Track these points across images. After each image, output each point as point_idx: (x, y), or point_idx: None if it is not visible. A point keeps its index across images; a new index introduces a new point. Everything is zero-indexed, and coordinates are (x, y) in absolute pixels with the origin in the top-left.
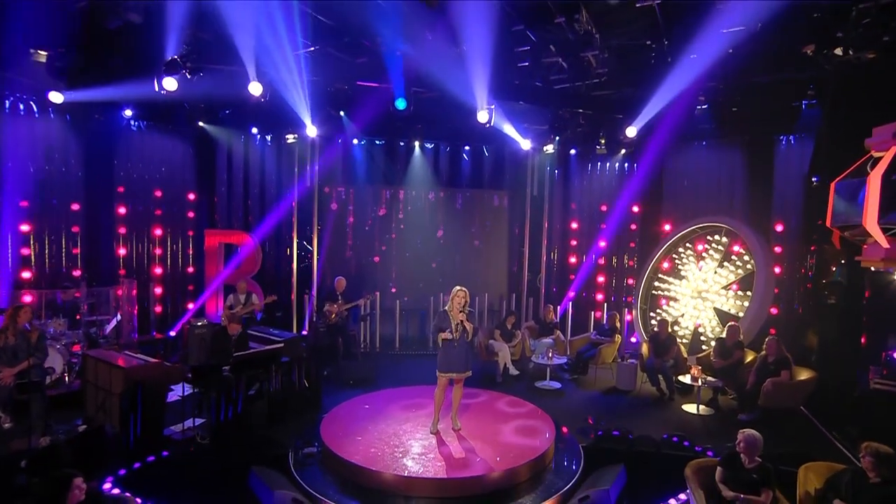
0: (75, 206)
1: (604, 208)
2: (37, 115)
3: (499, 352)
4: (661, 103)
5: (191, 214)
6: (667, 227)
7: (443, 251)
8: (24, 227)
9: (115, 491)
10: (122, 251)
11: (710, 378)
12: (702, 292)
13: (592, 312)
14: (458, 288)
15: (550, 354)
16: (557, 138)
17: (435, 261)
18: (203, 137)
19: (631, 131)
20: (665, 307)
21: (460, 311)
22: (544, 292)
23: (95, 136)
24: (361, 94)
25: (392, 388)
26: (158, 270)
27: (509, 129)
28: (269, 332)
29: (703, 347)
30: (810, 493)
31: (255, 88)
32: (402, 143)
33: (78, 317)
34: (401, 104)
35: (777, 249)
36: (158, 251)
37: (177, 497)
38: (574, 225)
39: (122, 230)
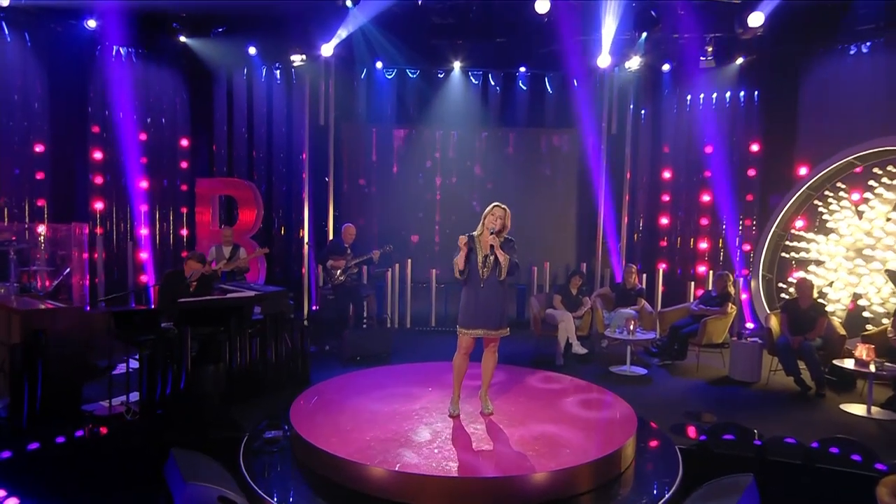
0: (39, 148)
1: (709, 150)
2: None
3: (559, 323)
4: None
5: (184, 164)
6: (802, 171)
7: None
8: None
9: None
10: (98, 205)
11: (888, 363)
12: (863, 249)
13: (692, 285)
14: (495, 204)
15: (633, 328)
16: (644, 35)
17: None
18: (197, 71)
19: (755, 19)
20: (802, 274)
21: (490, 234)
22: (624, 263)
23: (62, 62)
24: None
25: (410, 364)
26: (145, 231)
27: (580, 37)
28: (248, 285)
29: (869, 326)
30: None
31: None
32: (440, 73)
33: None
34: None
35: None
36: (144, 207)
37: (67, 490)
38: (667, 174)
39: (99, 180)
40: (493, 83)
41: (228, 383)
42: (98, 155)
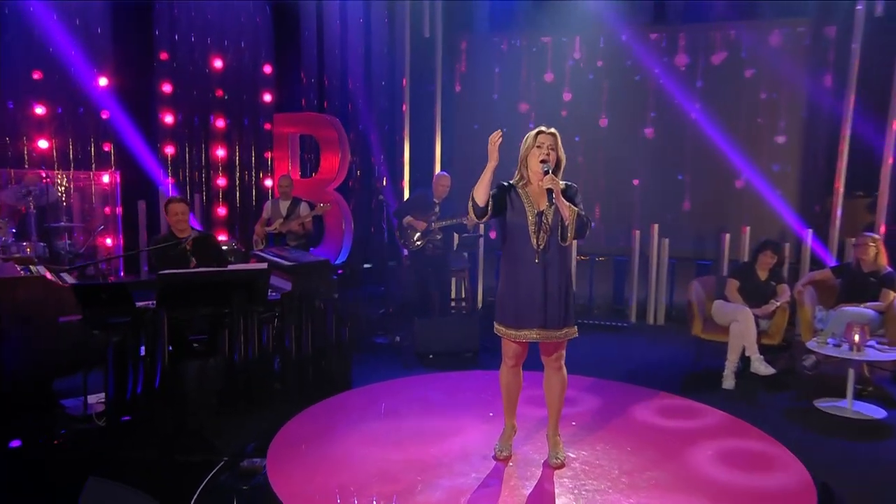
0: (103, 81)
1: None
2: None
3: (732, 323)
4: None
5: (267, 97)
6: None
7: (656, 152)
8: (39, 110)
9: None
10: (169, 150)
11: None
12: None
13: None
14: (538, 130)
15: (858, 339)
16: None
17: (641, 169)
18: None
19: None
20: None
21: (544, 174)
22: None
23: None
24: None
25: (495, 371)
26: (222, 182)
27: None
28: (289, 255)
29: None
30: None
31: None
32: None
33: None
34: None
35: None
36: (222, 152)
37: None
38: None
39: (169, 119)
40: None
41: (229, 383)
42: (167, 88)
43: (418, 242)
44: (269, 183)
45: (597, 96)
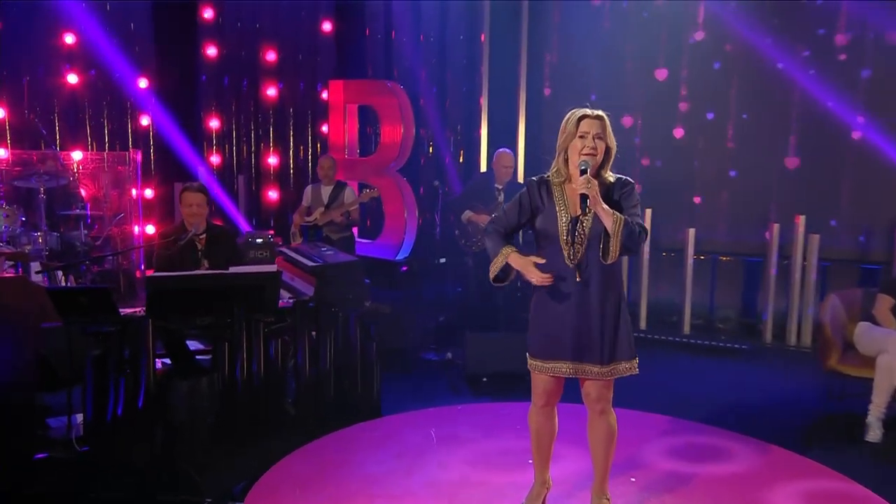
0: (138, 48)
1: None
2: None
3: (880, 355)
4: None
5: (326, 58)
6: None
7: (802, 190)
8: (72, 78)
9: None
10: (213, 123)
11: None
12: None
13: None
14: (581, 112)
15: None
16: None
17: (779, 215)
18: None
19: None
20: None
21: (580, 174)
22: None
23: None
24: None
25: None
26: (273, 160)
27: None
28: (320, 253)
29: None
30: None
31: None
32: None
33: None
34: None
35: None
36: (272, 126)
37: None
38: None
39: (213, 85)
40: None
41: (226, 406)
42: (212, 51)
43: (481, 242)
44: None
45: (723, 100)
